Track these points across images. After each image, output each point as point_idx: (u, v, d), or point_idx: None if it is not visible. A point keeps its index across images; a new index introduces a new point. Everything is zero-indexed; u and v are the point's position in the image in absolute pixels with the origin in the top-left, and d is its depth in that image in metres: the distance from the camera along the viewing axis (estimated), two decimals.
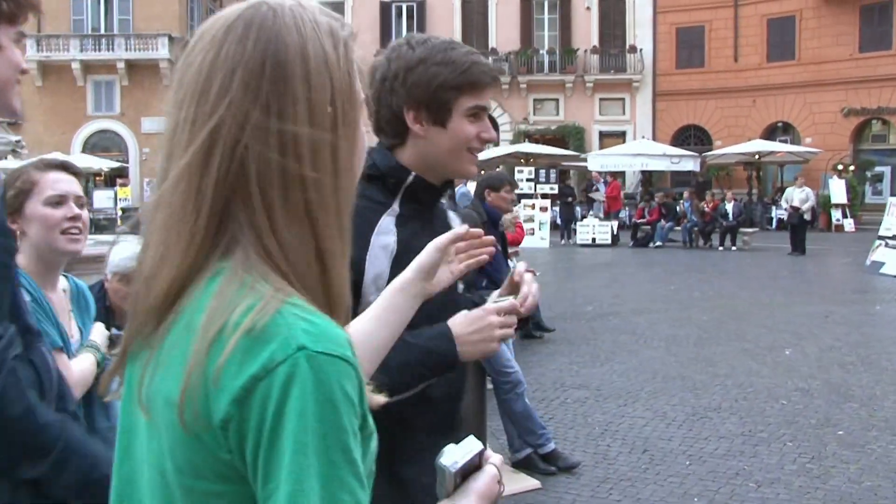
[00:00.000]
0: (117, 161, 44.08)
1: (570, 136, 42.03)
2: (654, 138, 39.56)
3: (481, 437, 6.23)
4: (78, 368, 2.81)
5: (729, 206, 26.34)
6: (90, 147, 45.24)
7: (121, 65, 44.36)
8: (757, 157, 35.58)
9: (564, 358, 10.56)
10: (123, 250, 4.92)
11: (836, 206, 33.21)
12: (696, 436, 7.32)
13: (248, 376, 1.02)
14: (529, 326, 11.67)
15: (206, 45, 1.15)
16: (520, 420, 6.57)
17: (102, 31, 45.11)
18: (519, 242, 11.46)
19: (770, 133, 40.45)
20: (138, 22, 44.98)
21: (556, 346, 11.29)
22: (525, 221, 27.88)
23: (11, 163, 26.05)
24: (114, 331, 4.94)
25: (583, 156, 35.99)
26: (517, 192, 28.50)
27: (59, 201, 2.77)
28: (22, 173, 2.75)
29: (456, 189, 19.37)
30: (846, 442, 7.10)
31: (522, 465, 6.59)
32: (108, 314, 4.94)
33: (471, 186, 13.36)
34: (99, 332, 3.20)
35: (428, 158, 2.20)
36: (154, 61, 44.41)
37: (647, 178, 37.23)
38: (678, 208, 29.04)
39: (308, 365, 1.02)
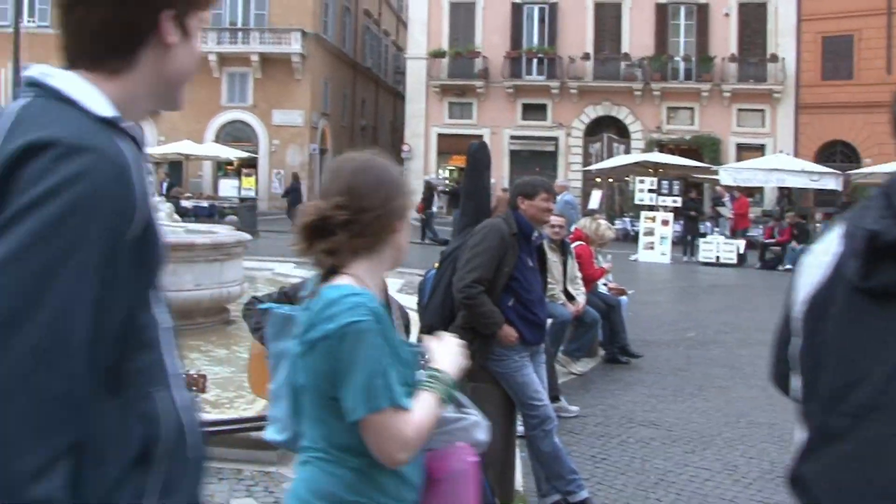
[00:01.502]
0: (247, 151, 44.78)
1: (704, 148, 40.30)
2: (797, 153, 37.50)
3: (508, 472, 5.33)
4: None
5: None
6: (222, 137, 46.15)
7: (255, 58, 45.16)
8: None
9: (644, 389, 9.56)
10: None
11: None
12: (766, 499, 6.25)
13: None
14: (614, 350, 10.79)
15: None
16: (546, 461, 5.70)
17: (239, 25, 45.94)
18: (595, 279, 10.54)
19: None
20: (274, 17, 45.73)
21: (641, 375, 10.29)
22: (645, 235, 26.80)
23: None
24: None
25: (714, 168, 34.25)
26: (638, 202, 27.63)
27: None
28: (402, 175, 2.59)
29: (559, 196, 18.48)
30: None
31: None
32: None
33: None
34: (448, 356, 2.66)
35: None
36: (286, 55, 45.00)
37: (786, 195, 35.33)
38: (812, 230, 27.30)
39: None
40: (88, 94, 1.62)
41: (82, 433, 1.44)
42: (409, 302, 8.63)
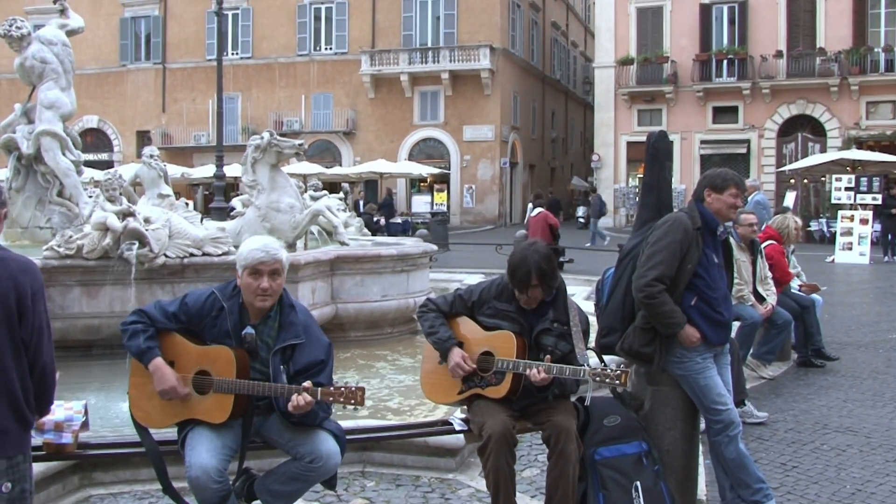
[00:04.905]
0: (439, 168, 45.73)
1: None
2: None
3: (690, 480, 5.13)
4: None
5: None
6: (415, 154, 47.29)
7: (445, 76, 45.99)
8: None
9: (840, 394, 9.16)
10: (252, 242, 4.54)
11: None
12: None
13: None
14: (808, 353, 10.38)
15: None
16: (731, 468, 5.44)
17: (429, 45, 46.94)
18: (785, 282, 10.19)
19: None
20: (462, 34, 46.49)
21: (836, 379, 9.86)
22: (842, 235, 25.65)
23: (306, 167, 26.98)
24: (248, 329, 4.53)
25: None
26: (835, 201, 26.37)
27: None
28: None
29: (750, 197, 17.94)
30: None
31: None
32: (241, 312, 4.56)
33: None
34: None
35: None
36: (476, 71, 45.62)
37: None
38: None
39: None
40: None
41: None
42: (590, 308, 8.60)
